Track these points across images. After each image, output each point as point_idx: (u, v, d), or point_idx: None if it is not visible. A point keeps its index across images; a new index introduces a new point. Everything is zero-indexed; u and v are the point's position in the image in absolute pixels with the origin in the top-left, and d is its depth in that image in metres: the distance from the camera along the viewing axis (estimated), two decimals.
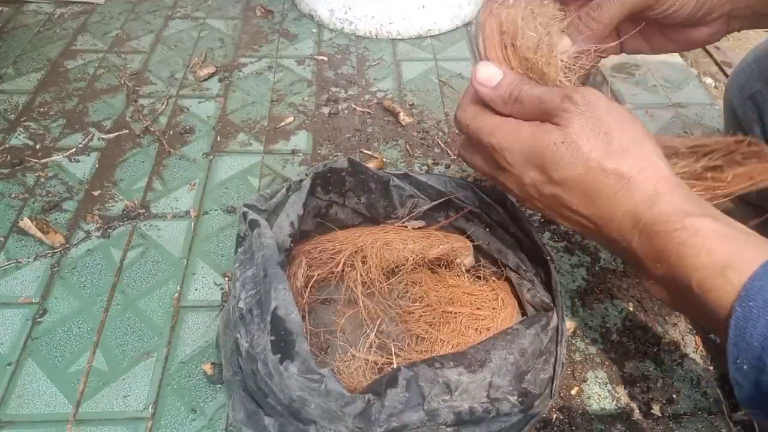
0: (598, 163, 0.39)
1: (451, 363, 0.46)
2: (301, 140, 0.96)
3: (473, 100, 0.47)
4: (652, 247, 0.38)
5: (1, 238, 0.77)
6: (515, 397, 0.46)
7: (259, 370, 0.45)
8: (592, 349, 0.68)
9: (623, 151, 0.39)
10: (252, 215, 0.55)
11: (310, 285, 0.62)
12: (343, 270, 0.64)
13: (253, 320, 0.47)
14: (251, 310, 0.48)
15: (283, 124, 0.99)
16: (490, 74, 0.44)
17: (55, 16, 1.25)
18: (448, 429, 0.45)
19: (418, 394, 0.44)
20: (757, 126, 0.71)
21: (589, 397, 0.63)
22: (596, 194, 0.40)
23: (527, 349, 0.48)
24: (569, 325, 0.69)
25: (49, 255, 0.75)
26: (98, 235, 0.78)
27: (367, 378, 0.55)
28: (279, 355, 0.44)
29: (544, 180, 0.42)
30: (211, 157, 0.92)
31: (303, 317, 0.60)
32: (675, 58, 1.19)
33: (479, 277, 0.66)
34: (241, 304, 0.49)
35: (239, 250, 0.54)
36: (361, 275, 0.63)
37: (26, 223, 0.77)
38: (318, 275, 0.63)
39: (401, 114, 1.00)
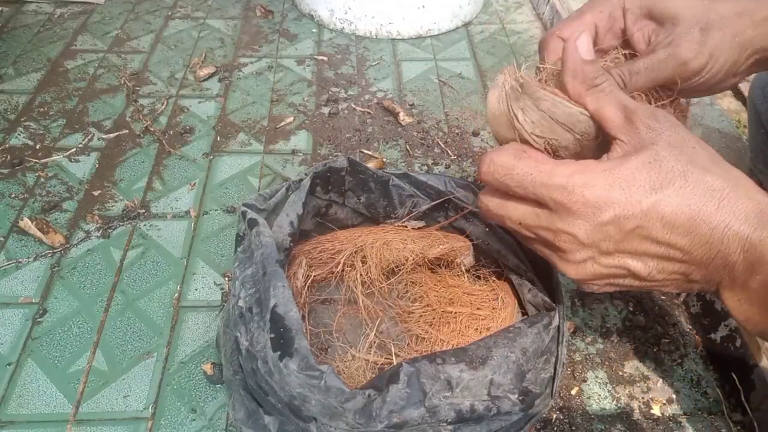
0: (696, 175, 0.37)
1: (453, 359, 0.46)
2: (301, 140, 0.96)
3: (509, 148, 0.42)
4: (756, 254, 0.35)
5: (1, 238, 0.77)
6: (516, 396, 0.46)
7: (260, 368, 0.45)
8: (592, 349, 0.68)
9: (713, 164, 0.38)
10: (251, 214, 0.55)
11: (309, 285, 0.62)
12: (342, 270, 0.64)
13: (253, 318, 0.47)
14: (251, 309, 0.48)
15: (283, 124, 0.99)
16: (589, 48, 0.43)
17: (55, 16, 1.26)
18: (449, 427, 0.45)
19: (419, 390, 0.44)
20: None
21: (589, 397, 0.63)
22: (698, 206, 0.36)
23: (528, 348, 0.48)
24: (569, 324, 0.69)
25: (49, 255, 0.75)
26: (98, 235, 0.78)
27: (367, 378, 0.55)
28: (279, 353, 0.44)
29: (629, 212, 0.37)
30: (211, 157, 0.92)
31: (303, 317, 0.60)
32: None
33: (479, 277, 0.66)
34: (240, 303, 0.49)
35: (238, 249, 0.54)
36: (360, 275, 0.63)
37: (26, 223, 0.77)
38: (318, 275, 0.63)
39: (401, 114, 1.00)
